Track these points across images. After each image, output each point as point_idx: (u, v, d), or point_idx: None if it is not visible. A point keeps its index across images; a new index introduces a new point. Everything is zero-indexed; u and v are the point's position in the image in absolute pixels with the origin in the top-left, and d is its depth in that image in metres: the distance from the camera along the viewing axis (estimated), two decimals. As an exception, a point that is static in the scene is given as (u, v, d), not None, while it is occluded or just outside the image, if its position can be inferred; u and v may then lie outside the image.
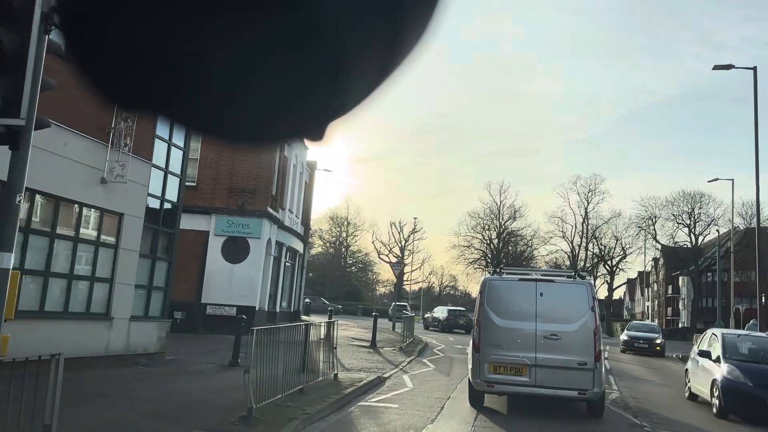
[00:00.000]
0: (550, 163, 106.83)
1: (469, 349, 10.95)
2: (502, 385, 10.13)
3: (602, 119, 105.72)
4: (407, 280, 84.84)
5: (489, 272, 11.85)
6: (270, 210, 21.91)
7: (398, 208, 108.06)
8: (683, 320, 79.97)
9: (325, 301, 58.59)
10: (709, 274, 72.66)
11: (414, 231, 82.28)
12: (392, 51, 0.81)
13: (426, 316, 45.65)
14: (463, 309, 42.33)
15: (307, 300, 46.89)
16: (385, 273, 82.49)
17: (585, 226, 74.83)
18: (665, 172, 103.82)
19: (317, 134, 0.87)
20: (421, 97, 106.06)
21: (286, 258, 26.76)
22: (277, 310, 24.92)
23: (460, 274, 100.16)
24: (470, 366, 10.56)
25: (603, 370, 10.50)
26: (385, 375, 14.17)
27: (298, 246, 28.82)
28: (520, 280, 10.88)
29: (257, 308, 21.18)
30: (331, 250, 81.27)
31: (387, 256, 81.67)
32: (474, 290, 55.27)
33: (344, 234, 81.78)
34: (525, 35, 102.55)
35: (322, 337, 22.12)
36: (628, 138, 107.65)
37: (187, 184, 21.91)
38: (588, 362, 9.87)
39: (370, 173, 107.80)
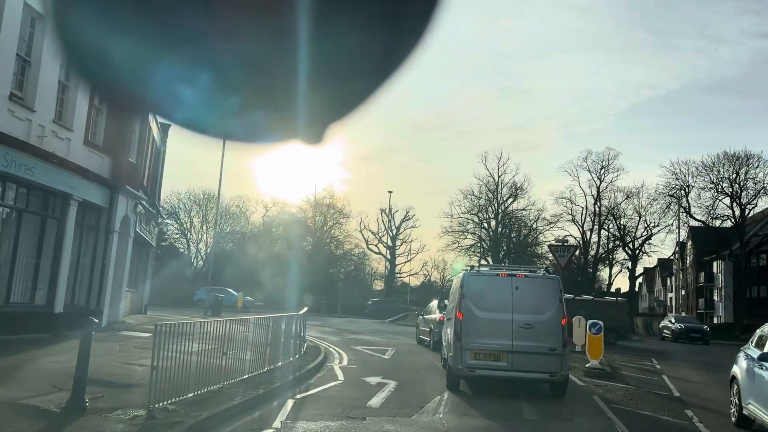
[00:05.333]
0: (551, 158, 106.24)
1: (450, 338, 11.88)
2: (483, 370, 11.07)
3: (603, 114, 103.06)
4: (399, 273, 72.67)
5: (468, 267, 12.49)
6: None
7: (398, 203, 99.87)
8: (720, 314, 66.20)
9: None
10: (755, 257, 59.37)
11: (406, 219, 69.69)
12: (391, 54, 0.80)
13: None
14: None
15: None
16: (381, 267, 70.21)
17: (597, 207, 62.28)
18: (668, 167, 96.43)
19: (316, 137, 0.87)
20: (421, 94, 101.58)
21: (58, 211, 13.38)
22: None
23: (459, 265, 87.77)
24: (451, 354, 11.51)
25: (568, 354, 11.65)
26: None
27: (97, 196, 15.40)
28: (497, 275, 11.88)
29: None
30: (312, 238, 68.28)
31: (376, 246, 69.55)
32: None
33: (330, 222, 69.25)
34: (524, 31, 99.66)
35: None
36: (629, 132, 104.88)
37: None
38: (557, 348, 11.03)
39: (372, 170, 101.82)
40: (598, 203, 61.81)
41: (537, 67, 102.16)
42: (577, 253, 63.14)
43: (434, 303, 23.15)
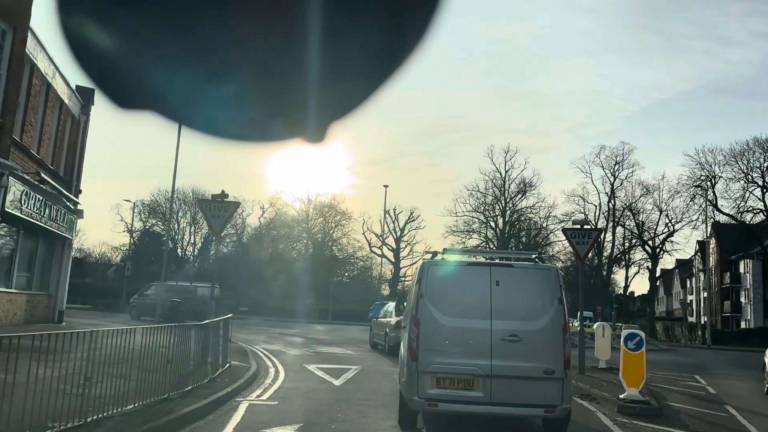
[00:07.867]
0: (561, 161, 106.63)
1: (403, 356, 8.31)
2: (448, 403, 7.63)
3: (613, 117, 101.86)
4: (404, 276, 68.03)
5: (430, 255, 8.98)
6: None
7: (403, 204, 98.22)
8: (748, 317, 60.84)
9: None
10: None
11: (410, 219, 64.97)
12: (393, 54, 0.81)
13: None
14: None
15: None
16: (387, 271, 65.79)
17: (611, 205, 57.28)
18: (679, 169, 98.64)
19: (318, 135, 0.87)
20: (429, 98, 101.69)
21: None
22: None
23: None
24: (404, 379, 8.03)
25: (571, 379, 8.12)
26: None
27: None
28: (470, 264, 8.84)
29: None
30: (310, 239, 63.72)
31: (380, 248, 64.89)
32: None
33: (331, 224, 64.85)
34: (532, 34, 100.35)
35: None
36: (640, 135, 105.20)
37: None
38: (556, 370, 7.66)
39: (380, 176, 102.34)
40: (613, 200, 56.89)
41: (545, 69, 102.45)
42: (590, 254, 58.03)
43: (392, 304, 20.21)
